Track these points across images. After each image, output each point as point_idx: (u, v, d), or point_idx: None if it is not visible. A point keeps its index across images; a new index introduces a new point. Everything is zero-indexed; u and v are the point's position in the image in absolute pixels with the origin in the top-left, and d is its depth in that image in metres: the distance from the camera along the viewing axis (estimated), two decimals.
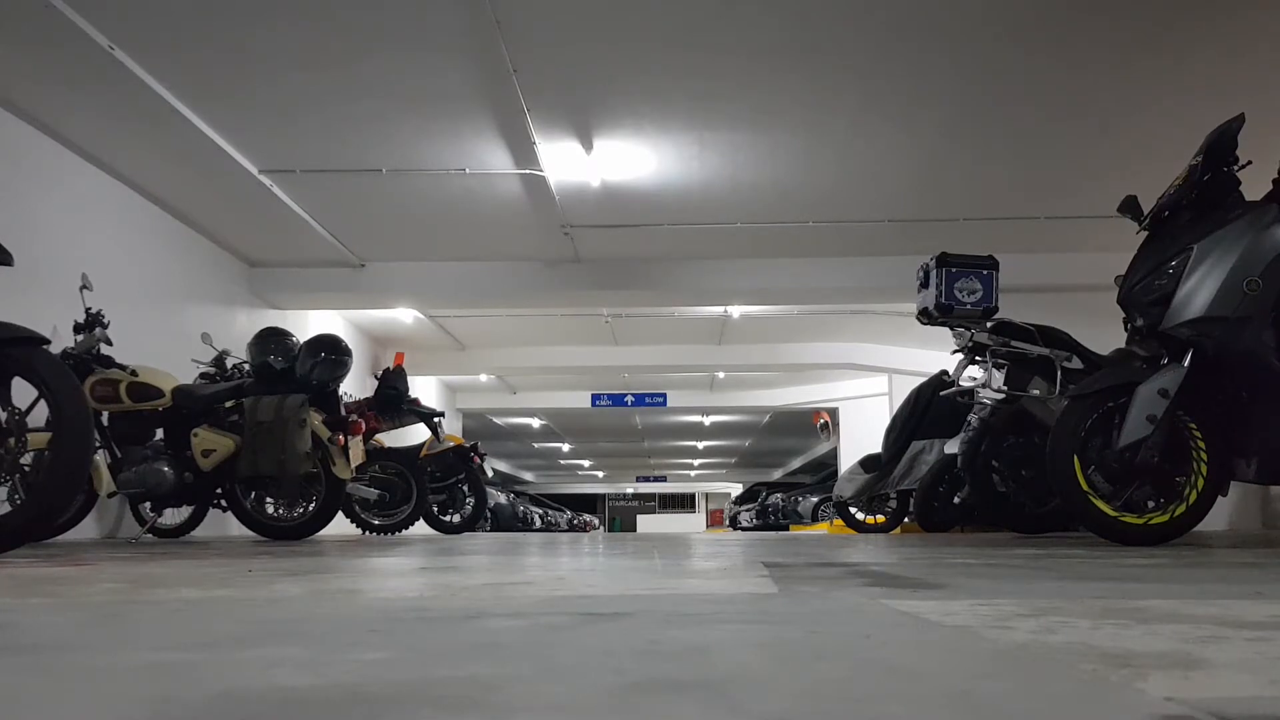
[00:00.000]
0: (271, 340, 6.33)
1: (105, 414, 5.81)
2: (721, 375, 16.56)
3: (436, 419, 8.05)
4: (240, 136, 6.75)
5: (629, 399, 18.36)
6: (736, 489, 38.08)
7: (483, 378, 16.48)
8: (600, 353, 14.39)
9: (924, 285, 5.25)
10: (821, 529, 13.46)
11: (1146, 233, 3.97)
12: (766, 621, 1.33)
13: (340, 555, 3.68)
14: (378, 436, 7.66)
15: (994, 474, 5.90)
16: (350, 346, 6.33)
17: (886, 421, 8.34)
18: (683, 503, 49.88)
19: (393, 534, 7.78)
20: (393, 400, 7.57)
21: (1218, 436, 3.75)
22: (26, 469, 3.57)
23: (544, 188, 7.61)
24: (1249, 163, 3.73)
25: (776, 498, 19.38)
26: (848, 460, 14.71)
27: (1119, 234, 5.20)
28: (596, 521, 40.87)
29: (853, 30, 5.38)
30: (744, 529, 20.58)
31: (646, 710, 0.75)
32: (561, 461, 34.95)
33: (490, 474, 12.86)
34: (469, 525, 8.54)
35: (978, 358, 5.16)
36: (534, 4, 5.04)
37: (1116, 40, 5.47)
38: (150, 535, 6.37)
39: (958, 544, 4.57)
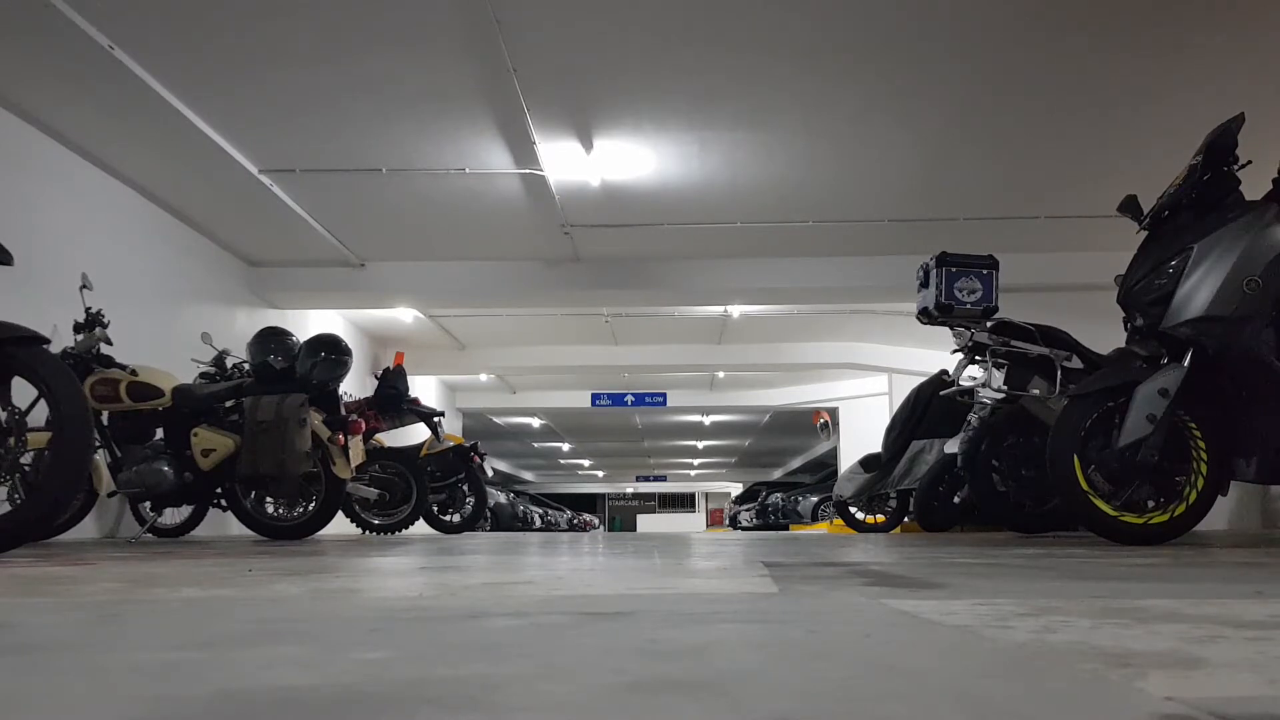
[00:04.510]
0: (271, 340, 6.33)
1: (105, 414, 5.81)
2: (721, 375, 16.56)
3: (436, 419, 8.05)
4: (240, 136, 6.75)
5: (629, 399, 18.36)
6: (736, 489, 38.08)
7: (483, 377, 16.48)
8: (600, 352, 14.39)
9: (924, 285, 5.25)
10: (821, 529, 13.46)
11: (1146, 232, 3.97)
12: (766, 621, 1.33)
13: (340, 555, 3.68)
14: (378, 436, 7.66)
15: (994, 474, 5.90)
16: (350, 346, 6.33)
17: (886, 421, 8.34)
18: (682, 502, 49.87)
19: (393, 534, 7.78)
20: (393, 400, 7.57)
21: (1218, 436, 3.76)
22: (26, 469, 3.57)
23: (544, 187, 7.61)
24: (1249, 162, 3.73)
25: (776, 497, 19.38)
26: (848, 460, 14.71)
27: (1119, 234, 5.21)
28: (596, 521, 40.87)
29: (853, 30, 5.38)
30: (744, 529, 20.58)
31: (646, 710, 0.75)
32: (561, 461, 34.96)
33: (490, 474, 12.87)
34: (469, 525, 8.54)
35: (978, 357, 5.16)
36: (533, 3, 5.04)
37: (1116, 40, 5.47)
38: (150, 535, 6.37)
39: (958, 544, 4.57)
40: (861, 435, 14.81)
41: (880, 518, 8.36)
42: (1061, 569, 2.43)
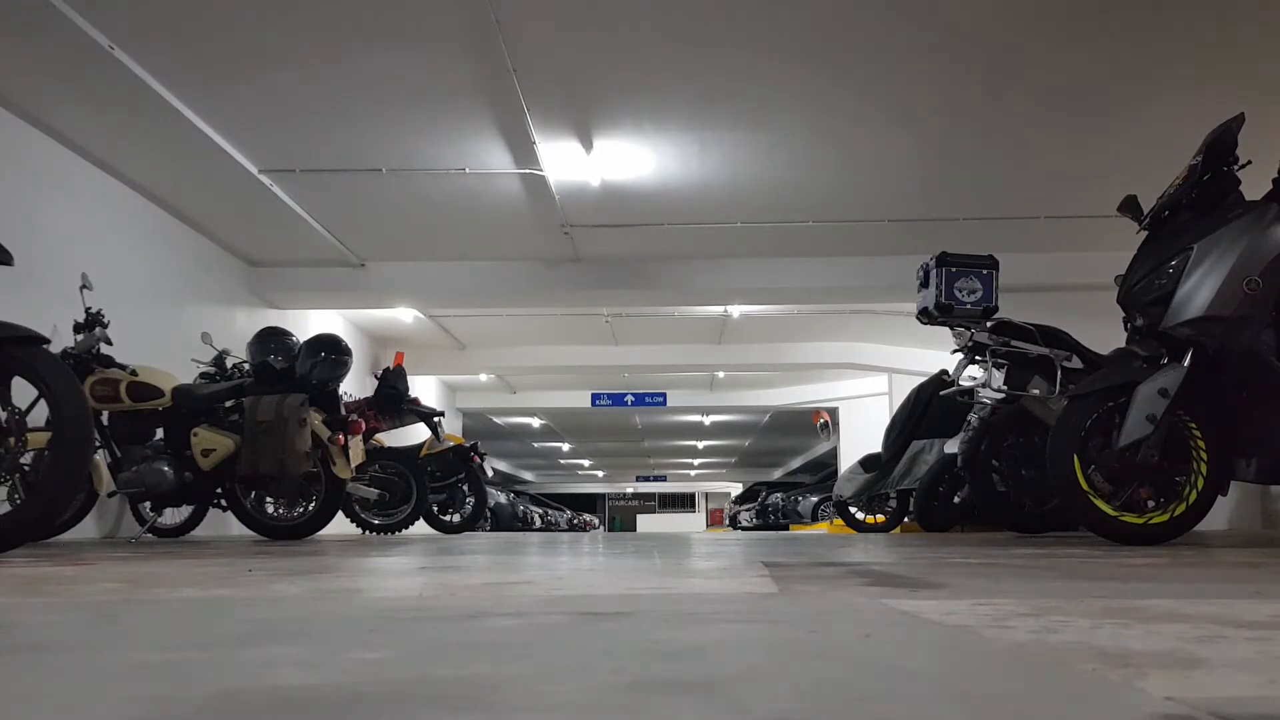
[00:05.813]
0: (271, 340, 6.33)
1: (105, 414, 5.81)
2: (721, 375, 16.56)
3: (436, 419, 8.05)
4: (240, 136, 6.74)
5: (629, 399, 18.36)
6: (736, 489, 38.08)
7: (483, 377, 16.48)
8: (600, 352, 14.39)
9: (924, 285, 5.26)
10: (821, 529, 13.46)
11: (1146, 232, 3.97)
12: (766, 621, 1.33)
13: (340, 555, 3.68)
14: (378, 436, 7.66)
15: (994, 474, 5.91)
16: (350, 346, 6.33)
17: (886, 421, 8.34)
18: (682, 502, 49.87)
19: (393, 534, 7.78)
20: (393, 400, 7.57)
21: (1217, 436, 3.75)
22: (26, 469, 3.57)
23: (544, 187, 7.61)
24: (1249, 162, 3.73)
25: (776, 497, 19.39)
26: (848, 460, 14.71)
27: (1119, 234, 5.20)
28: (596, 521, 40.88)
29: (853, 30, 5.38)
30: (744, 529, 20.59)
31: (646, 710, 0.75)
32: (561, 461, 34.96)
33: (490, 474, 12.86)
34: (469, 525, 8.54)
35: (978, 357, 5.16)
36: (533, 3, 5.04)
37: (1117, 40, 5.47)
38: (150, 535, 6.37)
39: (958, 544, 4.57)
40: (861, 435, 14.81)
41: (880, 518, 8.36)
42: (1061, 569, 2.43)
